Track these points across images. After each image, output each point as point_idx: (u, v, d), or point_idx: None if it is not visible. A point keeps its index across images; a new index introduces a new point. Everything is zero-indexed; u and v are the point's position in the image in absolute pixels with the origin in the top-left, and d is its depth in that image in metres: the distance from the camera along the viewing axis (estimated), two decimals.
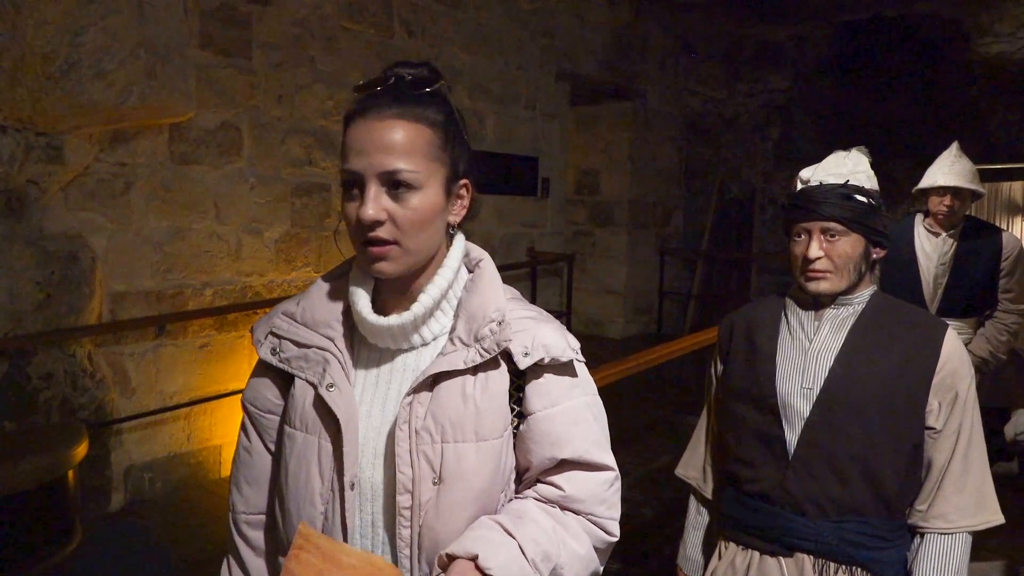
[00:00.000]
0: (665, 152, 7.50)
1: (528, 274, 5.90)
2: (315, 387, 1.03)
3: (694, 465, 1.78)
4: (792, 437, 1.50)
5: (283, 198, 4.22)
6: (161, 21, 3.12)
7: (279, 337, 1.09)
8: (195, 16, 3.69)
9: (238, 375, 4.06)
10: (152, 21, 3.07)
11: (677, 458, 1.85)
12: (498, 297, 1.06)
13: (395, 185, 0.97)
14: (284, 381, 1.10)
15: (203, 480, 3.92)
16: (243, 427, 1.16)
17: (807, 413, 1.49)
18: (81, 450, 3.02)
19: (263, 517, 1.14)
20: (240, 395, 4.04)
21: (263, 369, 1.13)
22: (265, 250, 4.16)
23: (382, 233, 0.98)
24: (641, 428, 4.31)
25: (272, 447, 1.12)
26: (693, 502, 1.79)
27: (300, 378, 1.05)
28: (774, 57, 7.23)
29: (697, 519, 1.78)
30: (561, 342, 1.05)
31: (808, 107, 7.05)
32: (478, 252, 1.12)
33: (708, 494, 1.75)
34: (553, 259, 6.12)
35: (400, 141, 0.97)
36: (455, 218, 1.06)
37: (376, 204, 0.96)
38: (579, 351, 1.08)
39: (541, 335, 1.03)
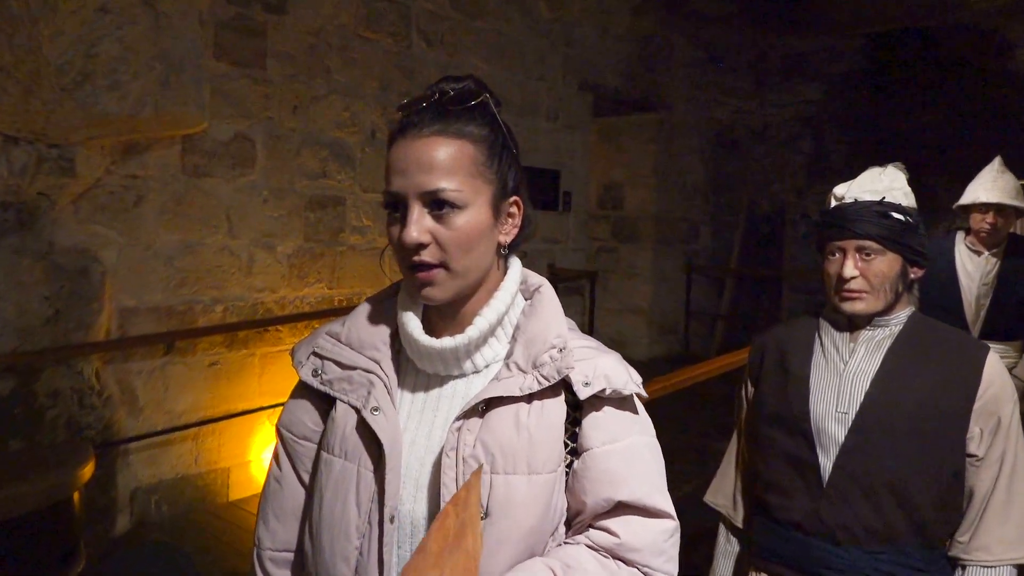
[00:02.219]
0: (691, 165, 7.52)
1: None
2: (358, 411, 1.02)
3: (723, 492, 1.79)
4: (826, 463, 1.51)
5: (296, 212, 4.28)
6: (176, 32, 3.20)
7: (322, 358, 1.07)
8: (210, 26, 3.77)
9: (247, 395, 4.11)
10: (168, 32, 3.15)
11: (706, 484, 1.86)
12: (559, 324, 1.04)
13: (438, 205, 0.97)
14: (325, 405, 1.08)
15: (211, 504, 3.95)
16: (275, 455, 1.14)
17: (841, 438, 1.50)
18: (87, 471, 3.06)
19: (290, 555, 1.11)
20: (251, 415, 4.02)
21: (302, 392, 1.11)
22: (277, 265, 4.22)
23: (426, 256, 0.97)
24: (668, 453, 4.29)
25: (306, 478, 1.10)
26: (723, 530, 1.80)
27: (342, 401, 1.04)
28: (803, 68, 7.25)
29: (727, 548, 1.78)
30: (623, 374, 1.03)
31: (841, 119, 7.05)
32: (537, 279, 1.11)
33: (738, 522, 1.75)
34: (575, 276, 6.14)
35: (441, 159, 0.96)
36: (505, 238, 1.04)
37: (419, 226, 0.96)
38: (641, 385, 1.06)
39: (603, 365, 1.02)
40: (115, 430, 3.58)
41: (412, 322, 1.04)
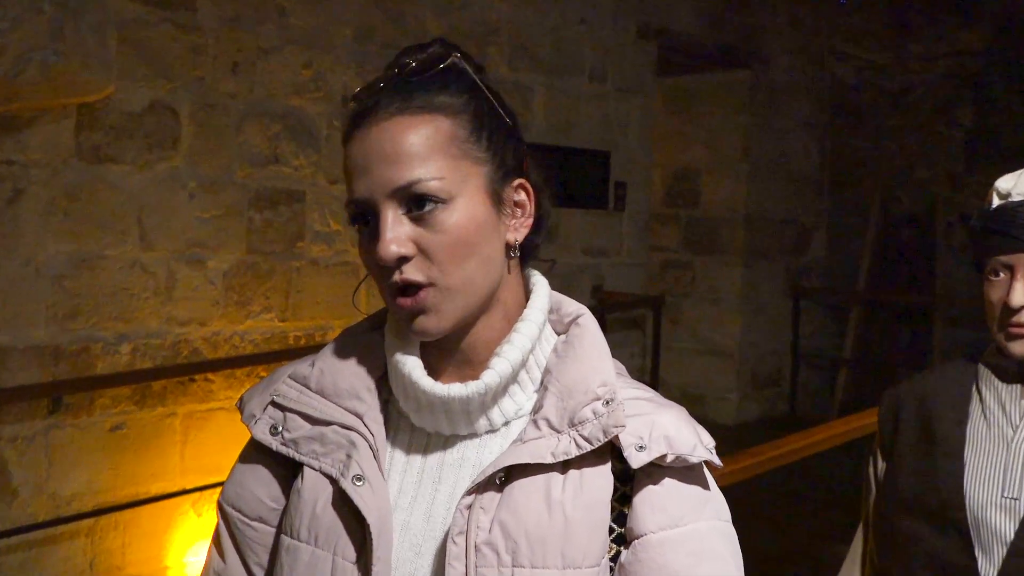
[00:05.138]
0: (799, 145, 7.53)
1: None
2: (334, 481, 1.05)
3: None
4: (989, 569, 1.52)
5: (237, 211, 4.34)
6: None
7: (284, 409, 1.11)
8: None
9: (165, 472, 4.14)
10: None
11: None
12: (605, 368, 1.08)
13: (417, 202, 1.00)
14: (287, 473, 1.12)
15: None
16: (217, 541, 1.17)
17: (1011, 535, 1.51)
18: None
19: None
20: (170, 501, 4.04)
21: (255, 456, 1.15)
22: (209, 287, 4.26)
23: (411, 273, 1.01)
24: (768, 559, 4.28)
25: (259, 573, 1.13)
26: None
27: (312, 468, 1.07)
28: (963, 5, 7.26)
29: None
30: (690, 436, 1.05)
31: (1014, 79, 7.04)
32: (573, 306, 1.15)
33: None
34: (631, 303, 6.15)
35: (410, 142, 1.01)
36: (514, 235, 1.09)
37: (396, 234, 1.00)
38: (714, 450, 1.08)
39: (662, 423, 1.04)
40: None
41: (410, 362, 1.07)
